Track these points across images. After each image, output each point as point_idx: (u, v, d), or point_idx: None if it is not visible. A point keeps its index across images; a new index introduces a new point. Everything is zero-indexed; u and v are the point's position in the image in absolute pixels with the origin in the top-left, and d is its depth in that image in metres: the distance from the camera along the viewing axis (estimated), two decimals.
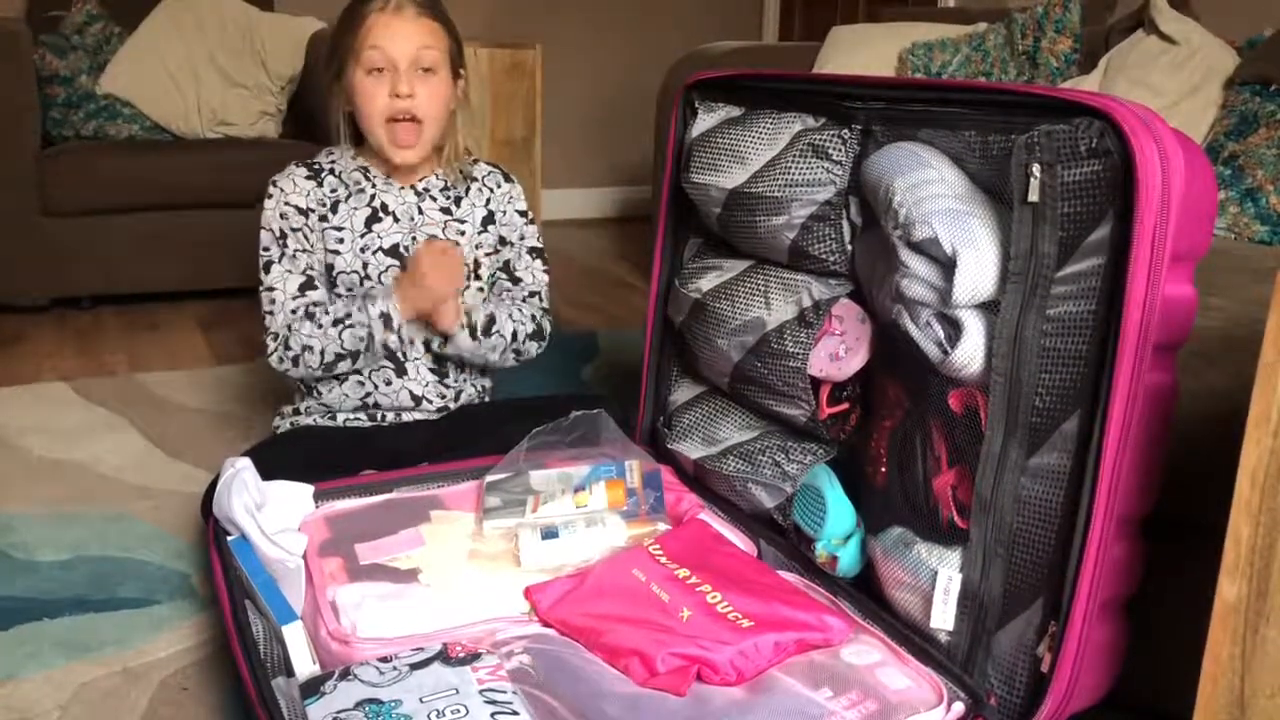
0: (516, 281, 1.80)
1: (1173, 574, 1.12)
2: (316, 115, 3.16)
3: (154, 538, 1.69)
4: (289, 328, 1.62)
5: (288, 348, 1.62)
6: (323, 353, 1.61)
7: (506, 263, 1.79)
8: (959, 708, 1.08)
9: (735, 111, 1.51)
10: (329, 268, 1.66)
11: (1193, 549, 1.02)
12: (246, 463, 1.42)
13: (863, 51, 2.80)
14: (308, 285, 1.64)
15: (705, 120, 1.53)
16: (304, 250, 1.65)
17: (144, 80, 3.14)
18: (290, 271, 1.64)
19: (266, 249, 1.65)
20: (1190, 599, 0.90)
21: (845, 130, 1.33)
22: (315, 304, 1.63)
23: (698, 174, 1.50)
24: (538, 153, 3.31)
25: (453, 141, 1.72)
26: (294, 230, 1.64)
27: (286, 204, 1.64)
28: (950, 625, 1.16)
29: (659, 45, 4.17)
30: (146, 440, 2.06)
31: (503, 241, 1.77)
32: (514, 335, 1.71)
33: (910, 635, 1.18)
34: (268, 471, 1.43)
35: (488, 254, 1.75)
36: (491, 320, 1.68)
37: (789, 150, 1.38)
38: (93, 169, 2.86)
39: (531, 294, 1.80)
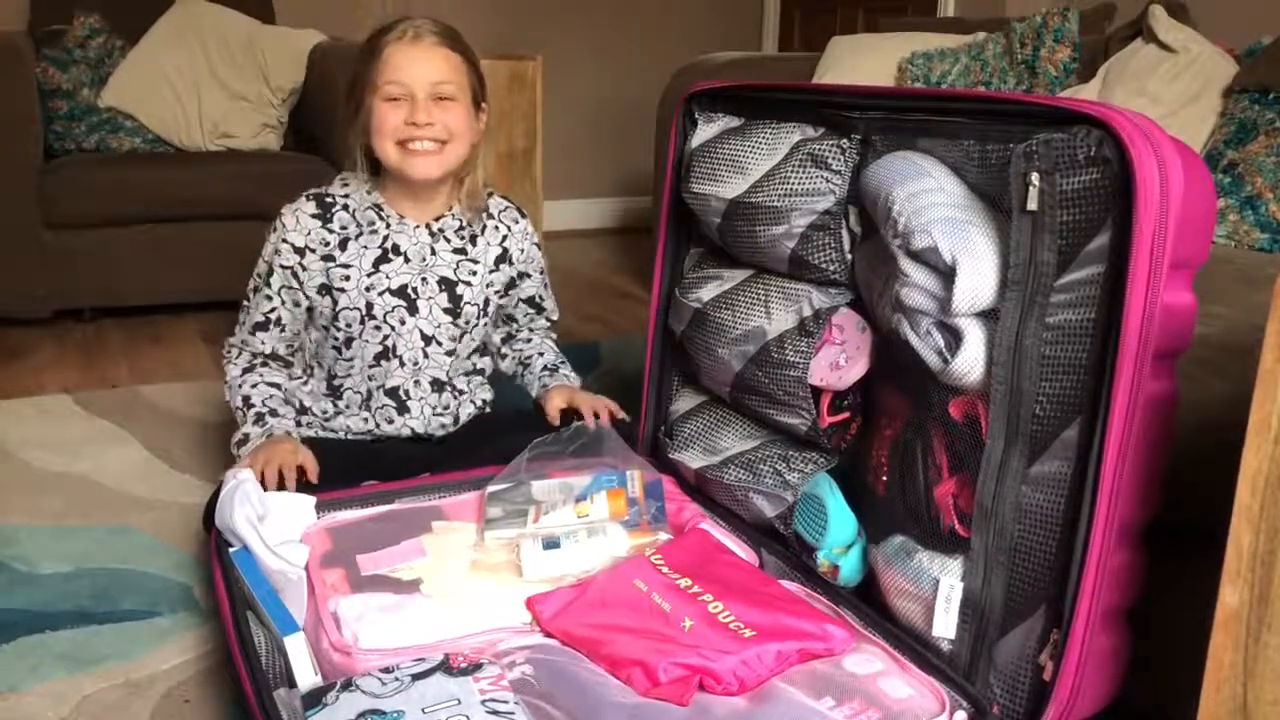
0: (541, 311, 1.84)
1: (1175, 581, 1.12)
2: (317, 128, 3.17)
3: (156, 550, 1.69)
4: (233, 349, 1.69)
5: (226, 361, 1.70)
6: (229, 398, 1.68)
7: (531, 297, 1.81)
8: (961, 717, 1.08)
9: (735, 122, 1.51)
10: (333, 303, 1.63)
11: (1194, 556, 1.02)
12: (248, 474, 1.42)
13: (862, 61, 2.81)
14: (261, 328, 1.65)
15: (705, 131, 1.53)
16: (286, 288, 1.63)
17: (146, 93, 3.15)
18: (258, 307, 1.65)
19: (257, 274, 1.66)
20: (1193, 606, 0.90)
21: (844, 140, 1.33)
22: (255, 354, 1.67)
23: (698, 184, 1.50)
24: (539, 164, 3.32)
25: (474, 175, 1.69)
26: (283, 268, 1.62)
27: (284, 240, 1.62)
28: (952, 634, 1.15)
29: (659, 56, 4.18)
30: (148, 452, 2.06)
31: (521, 276, 1.78)
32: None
33: (912, 644, 1.18)
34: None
35: (497, 292, 1.75)
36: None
37: (788, 160, 1.38)
38: (95, 181, 2.86)
39: (552, 323, 1.88)
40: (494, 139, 3.20)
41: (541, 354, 1.84)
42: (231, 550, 1.34)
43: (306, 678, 1.15)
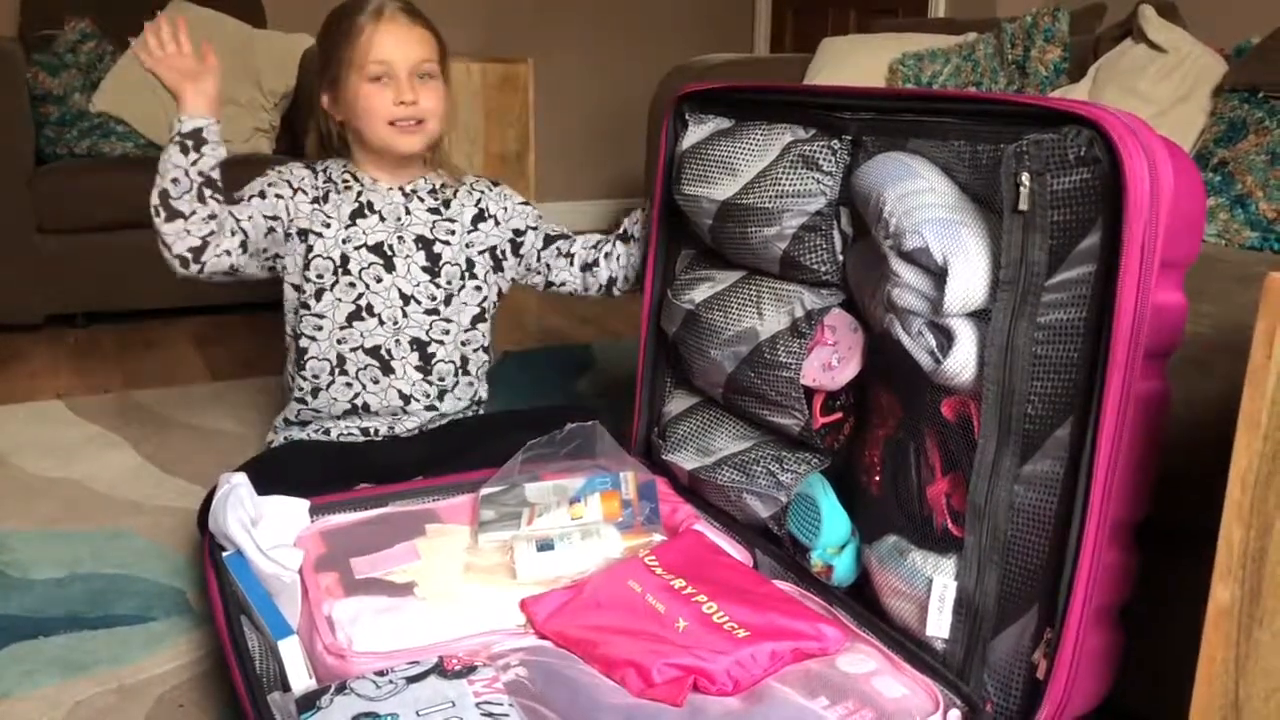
0: (565, 238, 1.84)
1: (1167, 578, 1.12)
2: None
3: (149, 554, 1.68)
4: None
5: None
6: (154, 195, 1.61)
7: (546, 236, 1.82)
8: (955, 715, 1.08)
9: (725, 123, 1.51)
10: (307, 249, 1.67)
11: (1186, 553, 1.02)
12: (242, 478, 1.42)
13: (854, 63, 2.81)
14: (239, 213, 1.62)
15: (696, 132, 1.54)
16: (266, 216, 1.64)
17: (137, 98, 3.14)
18: (246, 204, 1.64)
19: (241, 192, 1.66)
20: (1185, 603, 0.91)
21: (835, 141, 1.34)
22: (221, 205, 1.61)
23: (689, 186, 1.51)
24: (531, 166, 3.32)
25: (442, 143, 1.76)
26: (277, 197, 1.65)
27: (281, 177, 1.67)
28: (945, 633, 1.16)
29: (651, 58, 4.19)
30: (141, 457, 2.06)
31: (519, 233, 1.80)
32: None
33: (906, 643, 1.18)
34: (263, 487, 1.43)
35: (481, 251, 1.77)
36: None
37: (779, 161, 1.39)
38: (86, 186, 2.86)
39: (576, 234, 1.87)
40: (485, 141, 3.20)
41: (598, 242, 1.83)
42: (225, 554, 1.33)
43: (300, 681, 1.15)
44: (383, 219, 1.70)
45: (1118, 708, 1.15)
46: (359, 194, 1.70)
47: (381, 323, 1.69)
